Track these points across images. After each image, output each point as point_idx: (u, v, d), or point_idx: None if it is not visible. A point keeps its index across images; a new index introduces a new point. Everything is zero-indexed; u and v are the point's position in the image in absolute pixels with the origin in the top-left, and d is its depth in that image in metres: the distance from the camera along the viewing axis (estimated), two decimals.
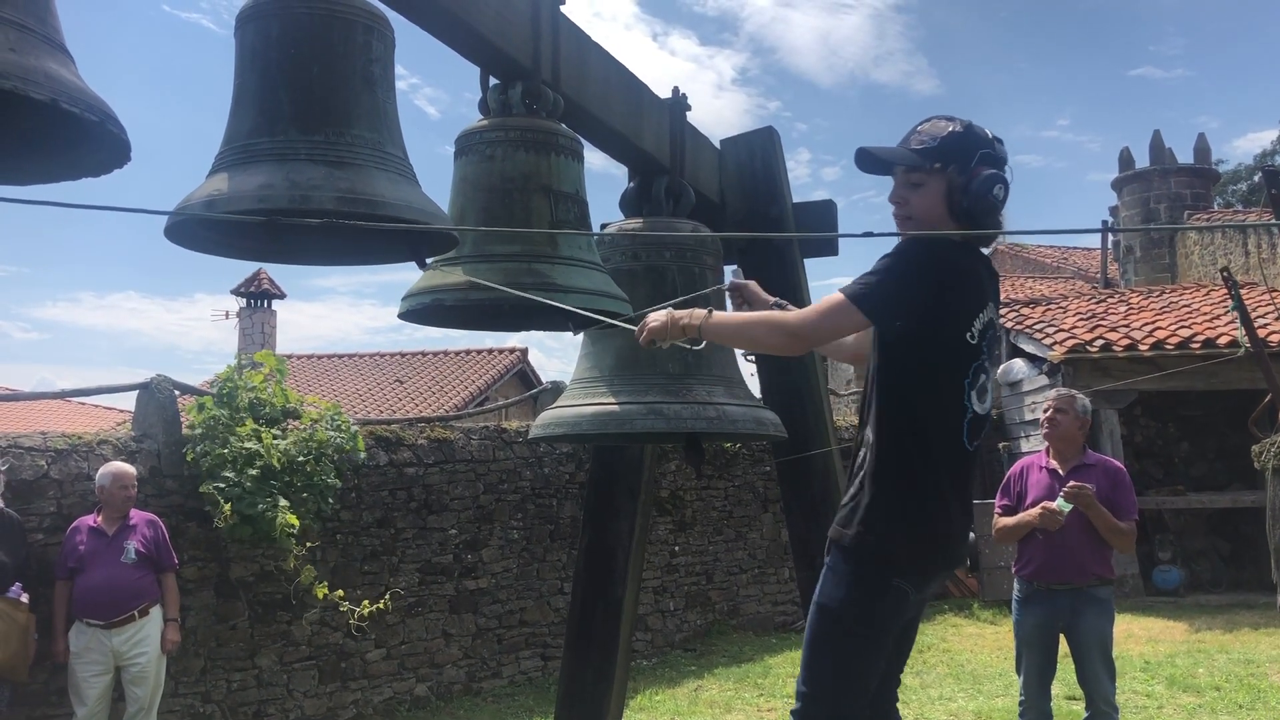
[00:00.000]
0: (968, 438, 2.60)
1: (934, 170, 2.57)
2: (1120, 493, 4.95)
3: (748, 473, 10.55)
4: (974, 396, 2.59)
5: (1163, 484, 12.68)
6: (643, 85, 3.51)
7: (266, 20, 2.22)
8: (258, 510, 6.20)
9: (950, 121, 2.61)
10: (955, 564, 2.76)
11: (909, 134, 2.64)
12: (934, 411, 2.57)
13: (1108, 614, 4.92)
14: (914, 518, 2.55)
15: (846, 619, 2.55)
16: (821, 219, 4.19)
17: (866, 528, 2.56)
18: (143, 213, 1.66)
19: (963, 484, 2.65)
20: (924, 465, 2.56)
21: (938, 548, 2.62)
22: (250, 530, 6.26)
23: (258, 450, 6.37)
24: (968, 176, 2.55)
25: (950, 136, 2.57)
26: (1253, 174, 33.23)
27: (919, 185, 2.59)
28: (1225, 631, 9.57)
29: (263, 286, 23.54)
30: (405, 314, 2.79)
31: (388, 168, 2.20)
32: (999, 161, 2.60)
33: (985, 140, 2.60)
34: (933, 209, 2.59)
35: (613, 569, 4.19)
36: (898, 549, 2.56)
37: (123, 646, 5.57)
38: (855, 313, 2.51)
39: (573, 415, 3.32)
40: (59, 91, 1.47)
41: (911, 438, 2.57)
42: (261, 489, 6.29)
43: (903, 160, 2.60)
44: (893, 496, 2.56)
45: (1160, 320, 12.61)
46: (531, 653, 8.41)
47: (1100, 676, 4.83)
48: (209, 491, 6.24)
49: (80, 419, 22.86)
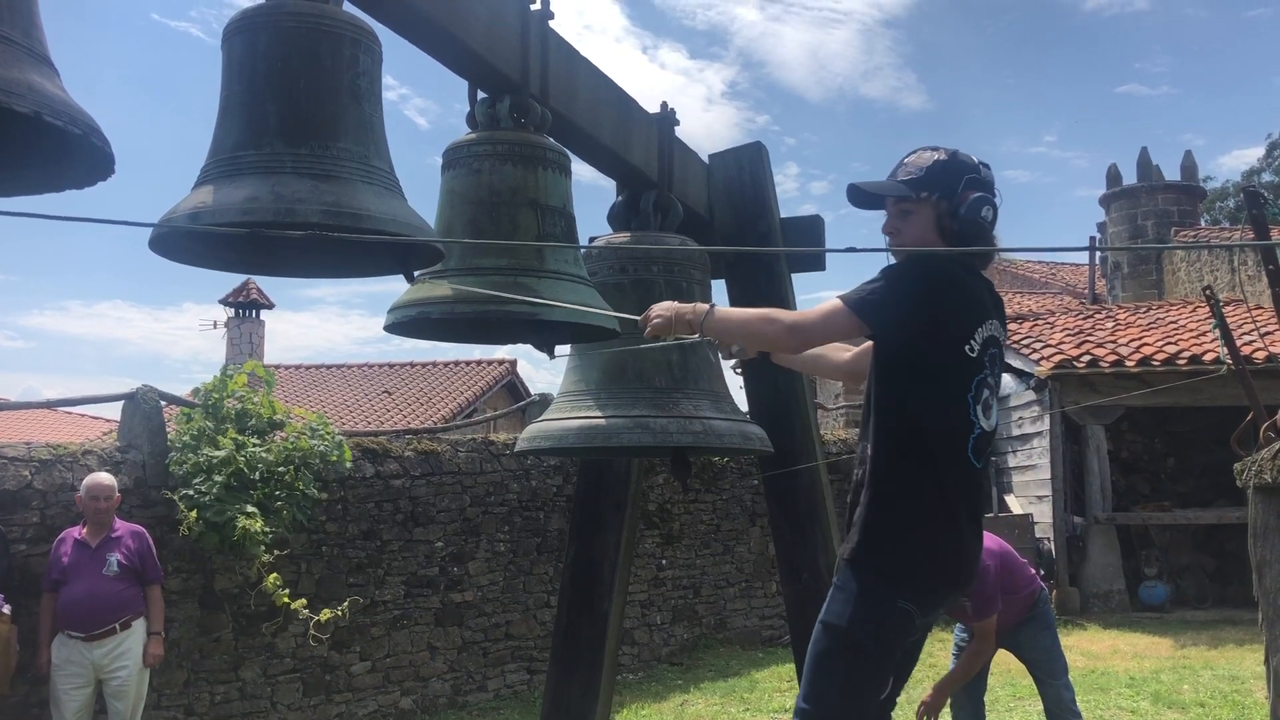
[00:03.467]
0: (974, 454, 2.59)
1: (922, 199, 2.62)
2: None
3: (735, 486, 10.55)
4: (979, 412, 2.59)
5: (1149, 499, 12.72)
6: (631, 100, 3.52)
7: (254, 33, 2.22)
8: (224, 518, 6.16)
9: (935, 151, 2.67)
10: (965, 585, 2.72)
11: (896, 167, 2.71)
12: (937, 426, 2.57)
13: (1045, 625, 4.92)
14: (920, 535, 2.54)
15: (852, 638, 2.54)
16: (809, 234, 4.20)
17: (865, 542, 2.56)
18: (128, 225, 1.65)
19: (971, 502, 2.64)
20: (929, 481, 2.55)
21: (946, 567, 2.60)
22: (216, 538, 6.21)
23: (228, 457, 6.33)
24: (956, 202, 2.60)
25: (935, 165, 2.63)
26: (1240, 191, 33.44)
27: (909, 214, 2.65)
28: (1210, 647, 9.60)
29: (251, 296, 23.48)
30: (391, 326, 2.79)
31: (374, 181, 2.20)
32: (986, 185, 2.64)
33: (971, 166, 2.65)
34: (924, 236, 2.63)
35: (599, 582, 4.18)
36: (905, 567, 2.54)
37: (103, 660, 5.53)
38: (854, 319, 2.54)
39: (559, 428, 3.32)
40: (43, 104, 1.47)
41: (915, 452, 2.56)
42: (231, 497, 6.25)
43: (891, 191, 2.66)
44: (897, 512, 2.56)
45: (1147, 336, 12.67)
46: (517, 666, 8.38)
47: (1054, 686, 4.87)
48: (174, 499, 6.21)
49: (66, 428, 22.77)
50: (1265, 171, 34.93)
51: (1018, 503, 12.52)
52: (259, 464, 6.45)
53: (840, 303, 2.56)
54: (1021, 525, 11.57)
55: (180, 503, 6.16)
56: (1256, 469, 2.94)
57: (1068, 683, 4.96)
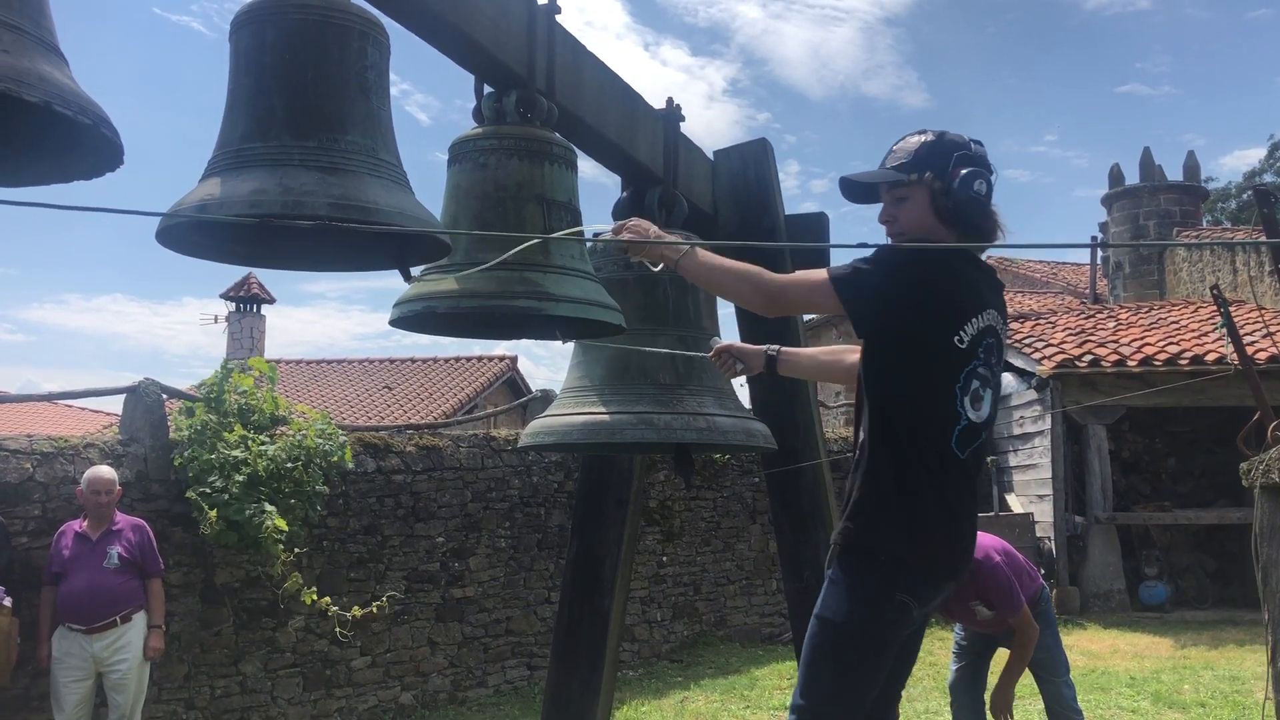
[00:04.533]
0: (958, 445, 2.55)
1: (914, 181, 2.60)
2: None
3: (736, 484, 10.55)
4: (967, 403, 2.55)
5: (1150, 500, 12.71)
6: (637, 95, 3.51)
7: (261, 25, 2.21)
8: (245, 516, 6.17)
9: (922, 134, 2.66)
10: (959, 574, 2.68)
11: (885, 155, 2.69)
12: (921, 415, 2.55)
13: (1047, 623, 4.90)
14: (912, 522, 2.52)
15: (847, 633, 2.52)
16: (814, 231, 4.19)
17: (861, 526, 2.55)
18: (137, 214, 1.65)
19: (955, 494, 2.59)
20: (917, 470, 2.53)
21: (940, 557, 2.58)
22: (236, 536, 6.23)
23: (245, 458, 6.35)
24: (948, 179, 2.57)
25: (923, 146, 2.62)
26: (1242, 192, 33.41)
27: (903, 199, 2.63)
28: (1211, 648, 9.60)
29: (252, 291, 23.50)
30: (396, 321, 2.78)
31: (381, 174, 2.20)
32: (978, 160, 2.62)
33: (960, 144, 2.63)
34: (921, 219, 2.61)
35: (600, 579, 4.18)
36: (893, 561, 2.52)
37: (103, 652, 5.53)
38: (831, 295, 2.52)
39: (563, 424, 3.32)
40: (52, 94, 1.46)
41: (901, 441, 2.54)
42: (248, 495, 6.26)
43: (883, 178, 2.65)
44: (888, 500, 2.54)
45: (1149, 336, 12.66)
46: (518, 662, 8.38)
47: (1055, 684, 4.87)
48: (194, 498, 6.21)
49: (66, 421, 22.76)
50: (1267, 172, 34.86)
51: (1018, 502, 12.52)
52: (267, 460, 6.46)
53: (825, 275, 2.55)
54: (1022, 524, 11.57)
55: (202, 502, 6.16)
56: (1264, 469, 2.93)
57: (1069, 680, 4.96)
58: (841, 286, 2.50)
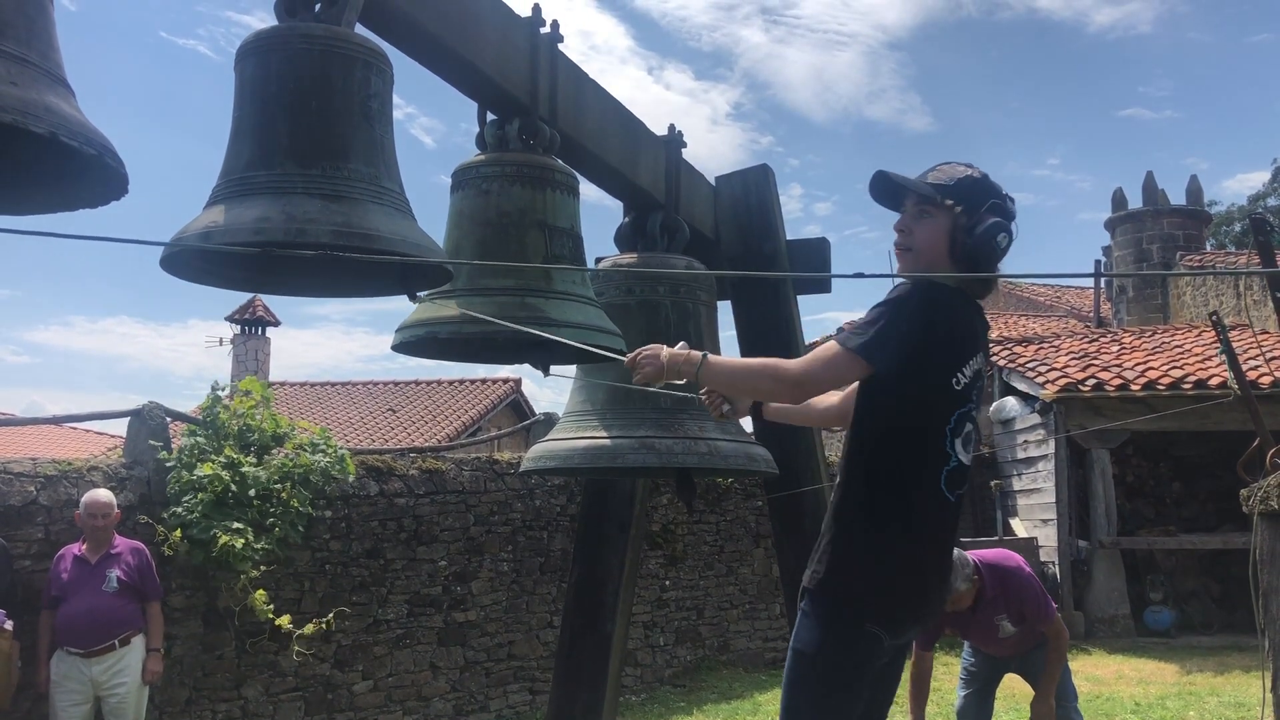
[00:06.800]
0: (947, 486, 2.56)
1: (944, 206, 2.59)
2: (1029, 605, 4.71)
3: (739, 507, 10.53)
4: (958, 445, 2.56)
5: (1154, 524, 12.67)
6: (638, 122, 3.54)
7: (266, 54, 2.24)
8: (209, 536, 6.17)
9: (969, 168, 2.66)
10: (930, 615, 2.69)
11: (927, 170, 2.68)
12: (912, 456, 2.55)
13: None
14: (882, 562, 2.52)
15: (820, 664, 2.54)
16: (815, 257, 4.21)
17: (829, 567, 2.54)
18: (140, 244, 1.67)
19: (941, 534, 2.61)
20: (897, 509, 2.53)
21: (908, 597, 2.58)
22: (202, 556, 6.23)
23: (217, 475, 6.34)
24: (975, 220, 2.57)
25: (966, 179, 2.61)
26: (1245, 216, 33.44)
27: (926, 217, 2.61)
28: (1216, 674, 9.53)
29: (257, 314, 23.57)
30: (399, 346, 2.80)
31: (384, 202, 2.22)
32: (1007, 214, 2.62)
33: (998, 192, 2.63)
34: (934, 244, 2.61)
35: (602, 603, 4.17)
36: (865, 593, 2.53)
37: (102, 676, 5.52)
38: (859, 362, 2.49)
39: (565, 448, 3.32)
40: (58, 125, 1.48)
41: (885, 480, 2.54)
42: (220, 514, 6.26)
43: (918, 188, 2.63)
44: (860, 538, 2.54)
45: (1152, 360, 12.65)
46: (520, 686, 8.34)
47: (1063, 709, 4.85)
48: (166, 518, 6.23)
49: (71, 444, 22.77)
50: (1271, 196, 34.93)
51: (1022, 526, 12.48)
52: (253, 481, 6.45)
53: (839, 346, 2.50)
54: (1026, 549, 11.52)
55: (166, 520, 6.20)
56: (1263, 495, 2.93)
57: (1076, 709, 4.94)
58: (865, 351, 2.47)
